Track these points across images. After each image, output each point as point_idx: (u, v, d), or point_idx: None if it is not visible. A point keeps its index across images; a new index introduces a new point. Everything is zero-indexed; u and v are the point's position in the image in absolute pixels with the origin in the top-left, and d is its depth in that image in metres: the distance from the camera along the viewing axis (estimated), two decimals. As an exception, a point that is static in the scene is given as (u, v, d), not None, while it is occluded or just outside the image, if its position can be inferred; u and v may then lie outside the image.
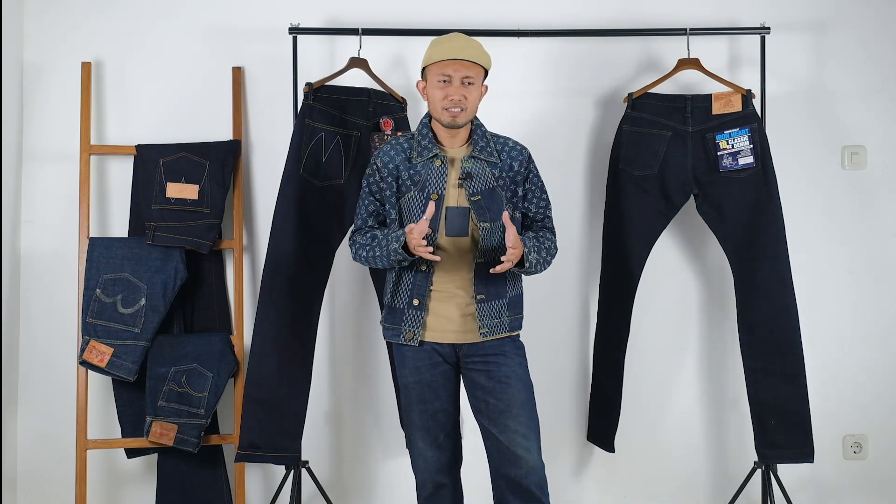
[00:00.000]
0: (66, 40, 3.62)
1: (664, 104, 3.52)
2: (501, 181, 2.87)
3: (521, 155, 2.92)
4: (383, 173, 2.89)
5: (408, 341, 2.85)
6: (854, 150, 3.72)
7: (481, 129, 2.91)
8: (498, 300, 2.84)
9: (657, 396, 3.71)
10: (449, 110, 2.80)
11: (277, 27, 3.61)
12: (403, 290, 2.86)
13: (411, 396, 2.88)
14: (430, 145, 2.86)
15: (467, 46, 2.82)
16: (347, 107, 3.47)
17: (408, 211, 2.86)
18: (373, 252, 2.83)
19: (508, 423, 2.80)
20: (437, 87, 2.82)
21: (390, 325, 2.90)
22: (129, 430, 3.49)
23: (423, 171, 2.85)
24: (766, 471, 3.45)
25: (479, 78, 2.84)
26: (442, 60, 2.80)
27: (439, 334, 2.85)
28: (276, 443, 3.37)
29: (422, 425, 2.88)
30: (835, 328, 3.71)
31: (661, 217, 3.53)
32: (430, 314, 2.84)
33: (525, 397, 2.84)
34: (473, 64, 2.81)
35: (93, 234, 3.57)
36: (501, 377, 2.82)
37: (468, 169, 2.84)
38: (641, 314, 3.63)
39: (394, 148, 2.91)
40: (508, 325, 2.87)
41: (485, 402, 2.83)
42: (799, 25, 3.71)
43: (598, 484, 3.72)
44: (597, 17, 3.67)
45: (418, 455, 2.92)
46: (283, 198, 3.40)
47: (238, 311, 3.56)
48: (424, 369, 2.85)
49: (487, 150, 2.87)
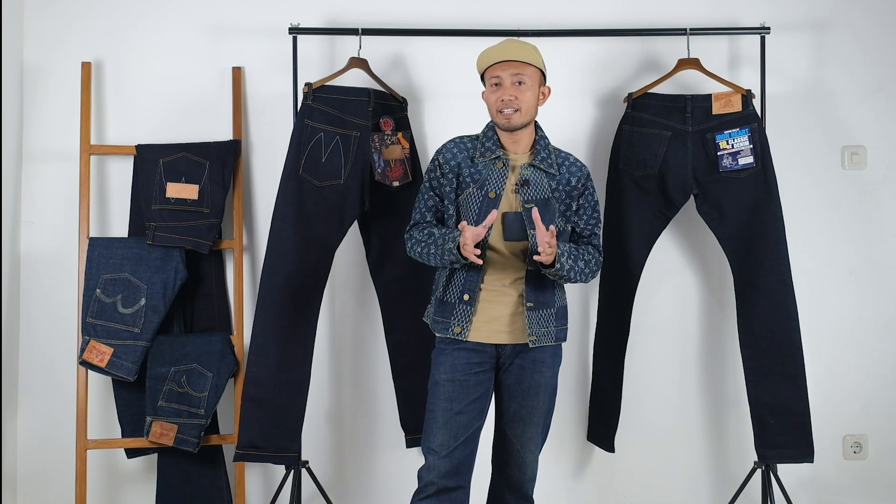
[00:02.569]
0: (66, 40, 3.62)
1: (664, 104, 3.52)
2: (557, 193, 2.88)
3: (580, 171, 2.94)
4: (444, 169, 2.91)
5: (456, 335, 2.84)
6: (854, 150, 3.71)
7: (545, 140, 2.94)
8: (546, 309, 2.85)
9: (657, 396, 3.71)
10: (503, 112, 2.82)
11: (277, 27, 3.61)
12: (455, 284, 2.86)
13: (439, 393, 2.84)
14: (494, 147, 2.89)
15: (515, 47, 2.85)
16: (347, 107, 3.47)
17: (465, 208, 2.87)
18: (427, 249, 2.85)
19: (526, 430, 2.87)
20: (491, 91, 2.86)
21: (440, 318, 2.88)
22: (129, 430, 3.49)
23: (485, 170, 2.87)
24: (766, 471, 3.45)
25: (533, 79, 2.85)
26: (492, 65, 2.84)
27: (485, 334, 2.84)
28: (275, 442, 3.37)
29: (443, 424, 2.82)
30: (835, 328, 3.71)
31: (661, 217, 3.53)
32: (479, 313, 2.84)
33: (548, 407, 2.90)
34: (524, 64, 2.82)
35: (93, 234, 3.57)
36: (532, 385, 2.85)
37: (526, 176, 2.86)
38: (641, 314, 3.63)
39: (457, 146, 2.94)
40: (555, 335, 2.88)
41: (509, 405, 2.88)
42: (799, 25, 3.71)
43: (598, 484, 3.72)
44: (597, 17, 3.67)
45: (431, 454, 2.85)
46: (282, 198, 3.40)
47: (238, 311, 3.56)
48: (460, 368, 2.83)
49: (548, 162, 2.89)
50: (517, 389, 2.86)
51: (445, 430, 2.82)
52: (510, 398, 2.87)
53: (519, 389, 2.85)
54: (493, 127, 2.93)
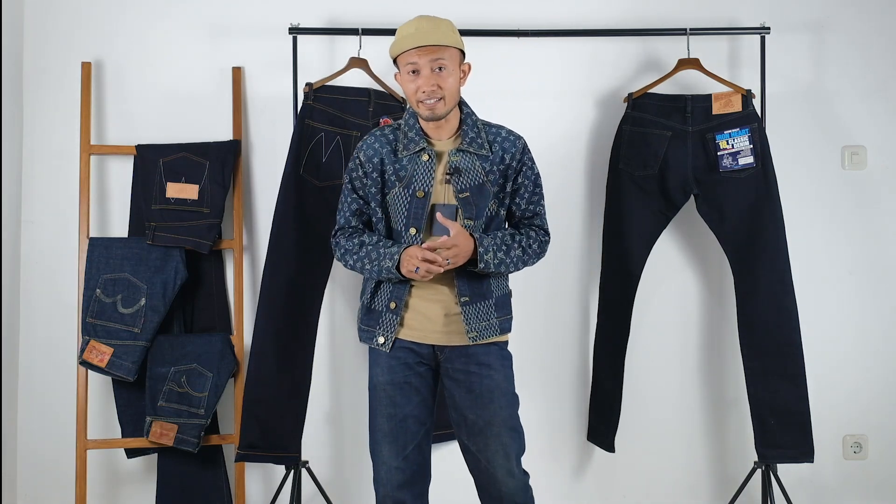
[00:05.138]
0: (66, 40, 3.62)
1: (664, 104, 3.52)
2: (491, 175, 2.65)
3: (514, 146, 2.69)
4: (367, 168, 2.67)
5: (380, 346, 2.65)
6: (854, 150, 3.72)
7: (472, 118, 2.69)
8: (484, 301, 2.64)
9: (657, 396, 3.71)
10: (424, 103, 2.58)
11: (277, 27, 3.60)
12: (383, 290, 2.67)
13: (380, 398, 2.65)
14: (417, 138, 2.65)
15: (430, 29, 2.57)
16: (347, 107, 3.47)
17: (393, 209, 2.66)
18: (361, 263, 2.65)
19: (489, 443, 2.60)
20: (408, 80, 2.60)
21: (366, 326, 2.70)
22: (129, 430, 3.49)
23: (410, 165, 2.64)
24: (766, 471, 3.45)
25: (454, 61, 2.60)
26: (406, 51, 2.58)
27: (419, 334, 2.64)
28: (275, 443, 3.38)
29: (389, 432, 2.63)
30: (835, 328, 3.71)
31: (661, 217, 3.53)
32: (410, 311, 2.64)
33: (507, 413, 2.62)
34: (442, 47, 2.57)
35: (93, 234, 3.57)
36: (483, 391, 2.61)
37: (456, 164, 2.63)
38: (641, 314, 3.63)
39: (378, 140, 2.69)
40: (499, 326, 2.67)
41: (464, 417, 2.63)
42: (799, 26, 3.71)
43: (598, 484, 3.72)
44: (597, 17, 3.67)
45: (381, 465, 2.65)
46: (283, 198, 3.40)
47: (238, 311, 3.56)
48: (398, 369, 2.64)
49: (478, 143, 2.65)
50: (469, 398, 2.62)
51: (392, 438, 2.63)
52: (465, 407, 2.62)
53: (470, 398, 2.61)
54: (413, 114, 2.68)
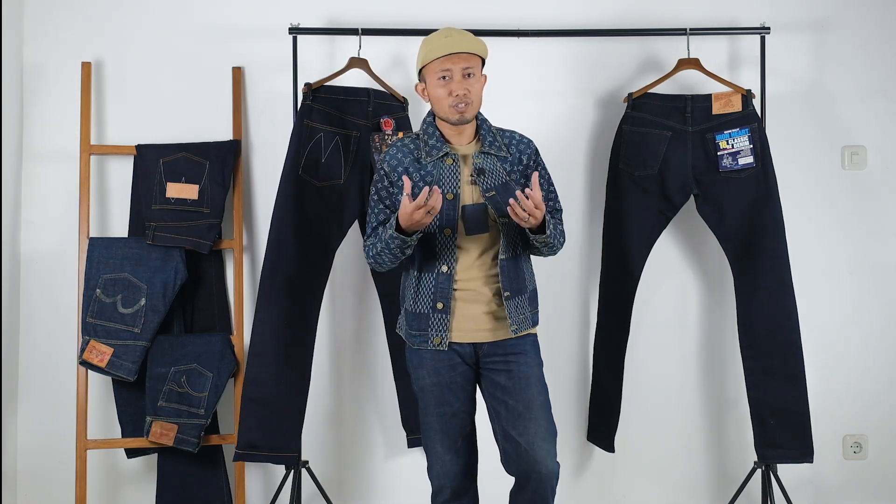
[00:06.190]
0: (66, 40, 3.62)
1: (664, 104, 3.52)
2: (514, 175, 2.81)
3: (528, 148, 2.87)
4: (392, 177, 2.79)
5: (437, 346, 2.76)
6: (854, 150, 3.71)
7: (487, 123, 2.85)
8: (521, 295, 2.79)
9: (657, 396, 3.71)
10: (456, 107, 2.73)
11: (277, 27, 3.60)
12: (425, 293, 2.77)
13: (429, 399, 2.80)
14: (439, 144, 2.78)
15: (462, 39, 2.74)
16: (347, 107, 3.47)
17: None
18: (375, 249, 2.75)
19: (529, 426, 2.73)
20: (439, 86, 2.73)
21: (416, 331, 2.79)
22: (129, 430, 3.49)
23: (435, 171, 2.76)
24: (766, 471, 3.45)
25: (479, 68, 2.77)
26: (439, 57, 2.72)
27: (461, 334, 2.77)
28: (274, 442, 3.38)
29: (440, 429, 2.79)
30: (835, 328, 3.71)
31: (661, 217, 3.53)
32: (454, 315, 2.76)
33: (543, 400, 2.77)
34: (471, 55, 2.73)
35: (93, 234, 3.57)
36: (522, 377, 2.75)
37: (480, 165, 2.77)
38: (641, 314, 3.63)
39: (400, 150, 2.81)
40: (531, 319, 2.83)
41: (504, 403, 2.75)
42: (799, 25, 3.71)
43: (598, 484, 3.72)
44: (597, 17, 3.67)
45: (436, 460, 2.82)
46: (282, 198, 3.40)
47: (238, 311, 3.56)
48: (444, 371, 2.77)
49: (497, 145, 2.81)
50: (509, 383, 2.75)
51: (443, 434, 2.79)
52: (505, 394, 2.75)
53: (511, 383, 2.75)
54: (432, 122, 2.82)
